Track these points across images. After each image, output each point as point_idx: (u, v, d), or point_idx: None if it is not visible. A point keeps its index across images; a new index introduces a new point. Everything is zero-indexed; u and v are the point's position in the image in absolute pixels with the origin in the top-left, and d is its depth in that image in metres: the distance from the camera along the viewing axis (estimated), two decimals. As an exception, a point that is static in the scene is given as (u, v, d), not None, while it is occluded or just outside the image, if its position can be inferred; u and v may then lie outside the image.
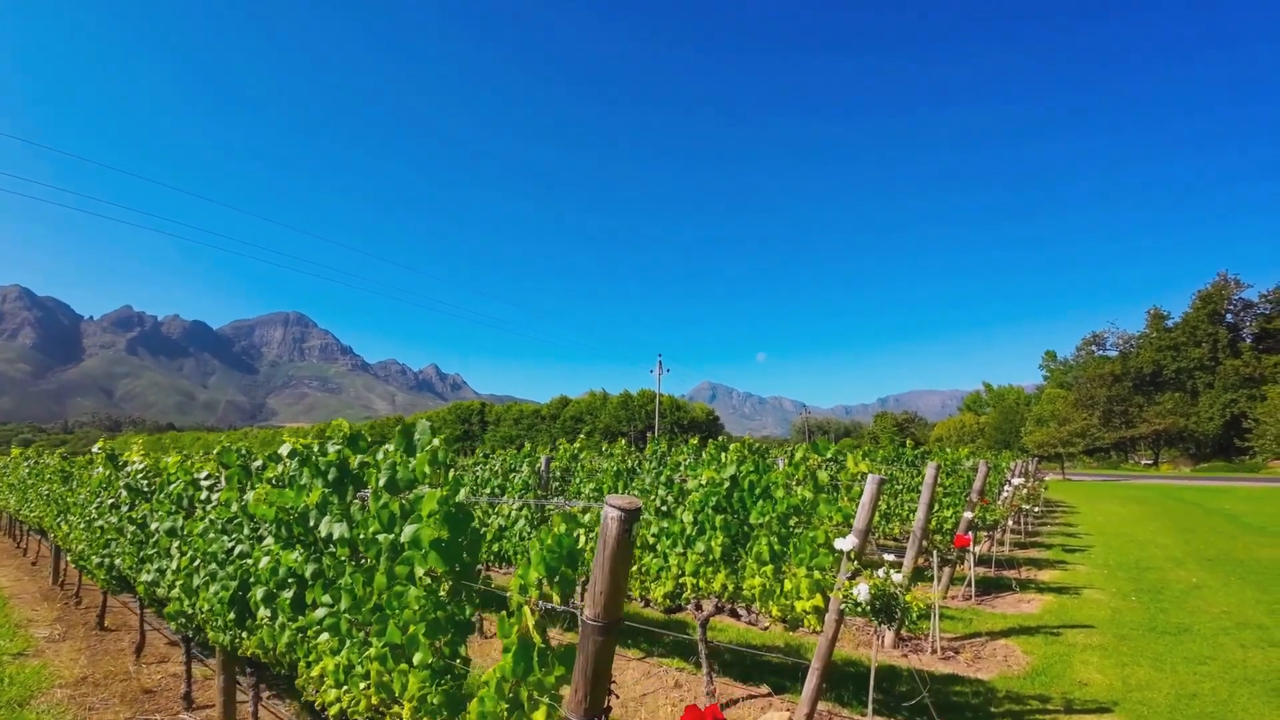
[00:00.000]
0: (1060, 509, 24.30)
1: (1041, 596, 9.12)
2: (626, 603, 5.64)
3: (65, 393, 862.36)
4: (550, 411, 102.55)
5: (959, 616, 7.89)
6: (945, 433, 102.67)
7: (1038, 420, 72.51)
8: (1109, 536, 15.93)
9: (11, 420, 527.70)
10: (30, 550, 14.46)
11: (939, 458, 9.94)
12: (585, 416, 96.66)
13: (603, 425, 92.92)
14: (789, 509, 4.80)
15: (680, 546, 5.33)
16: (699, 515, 5.25)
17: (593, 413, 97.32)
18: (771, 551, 4.81)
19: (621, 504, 1.98)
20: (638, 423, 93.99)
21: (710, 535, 5.14)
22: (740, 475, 5.13)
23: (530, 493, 6.61)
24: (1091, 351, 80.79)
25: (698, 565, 5.18)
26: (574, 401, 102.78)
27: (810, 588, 4.53)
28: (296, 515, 3.32)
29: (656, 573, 5.45)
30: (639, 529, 5.67)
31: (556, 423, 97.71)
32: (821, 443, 4.80)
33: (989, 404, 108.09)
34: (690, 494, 5.37)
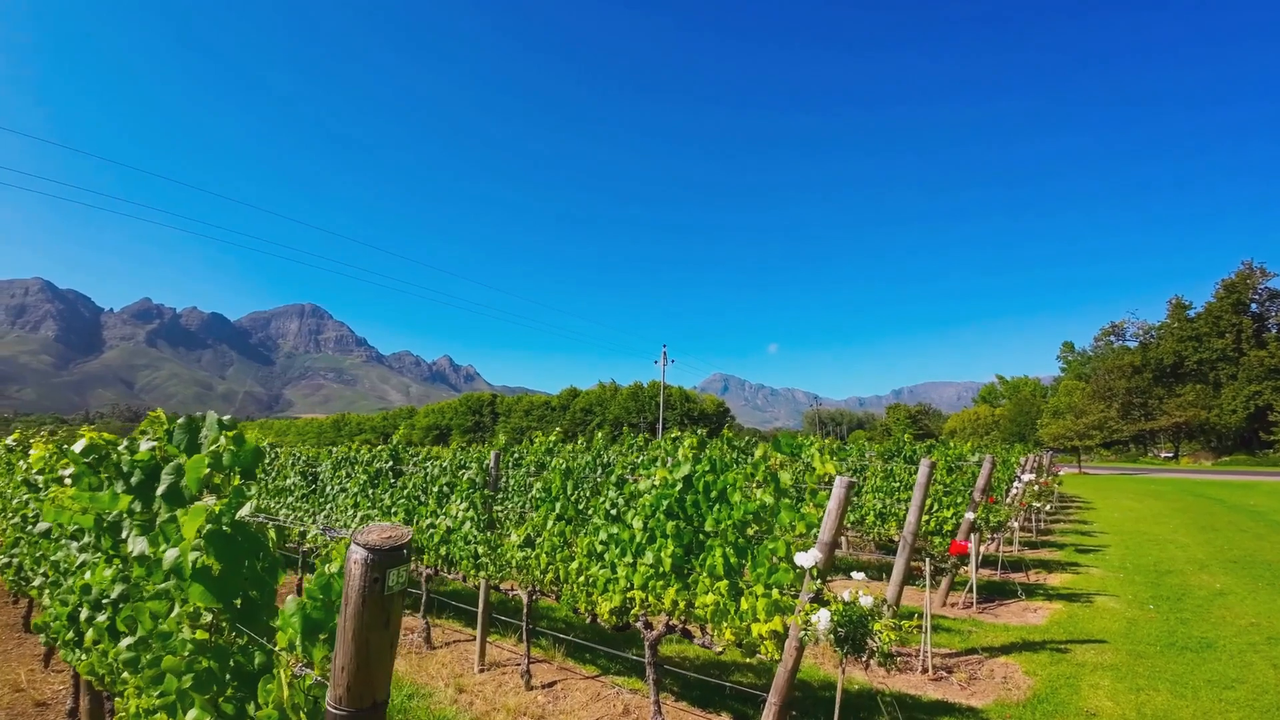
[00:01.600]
0: (1075, 504, 23.41)
1: (1050, 605, 8.40)
2: (573, 616, 5.03)
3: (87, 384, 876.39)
4: (560, 403, 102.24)
5: (956, 629, 7.20)
6: (959, 425, 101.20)
7: (1054, 412, 71.00)
8: (1125, 535, 15.11)
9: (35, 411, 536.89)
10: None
11: (941, 452, 9.22)
12: (595, 408, 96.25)
13: (612, 417, 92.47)
14: (747, 515, 4.15)
15: (630, 556, 4.70)
16: (649, 521, 4.62)
17: (602, 404, 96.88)
18: (727, 565, 4.16)
19: (374, 540, 1.34)
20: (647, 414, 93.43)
21: (660, 544, 4.51)
22: (695, 475, 4.48)
23: (477, 492, 6.00)
24: (1110, 342, 79.02)
25: (647, 578, 4.54)
26: (584, 393, 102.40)
27: (767, 609, 3.88)
28: (108, 524, 2.72)
29: (604, 585, 4.82)
30: (585, 534, 5.05)
31: (566, 414, 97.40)
32: (784, 436, 4.13)
33: (1004, 396, 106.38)
34: (642, 496, 4.73)
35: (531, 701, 5.06)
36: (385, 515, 7.13)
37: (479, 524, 5.96)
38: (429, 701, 5.06)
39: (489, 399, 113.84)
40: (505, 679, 5.58)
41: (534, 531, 5.46)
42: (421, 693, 5.24)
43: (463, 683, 5.47)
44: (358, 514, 7.53)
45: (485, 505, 6.00)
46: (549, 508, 5.39)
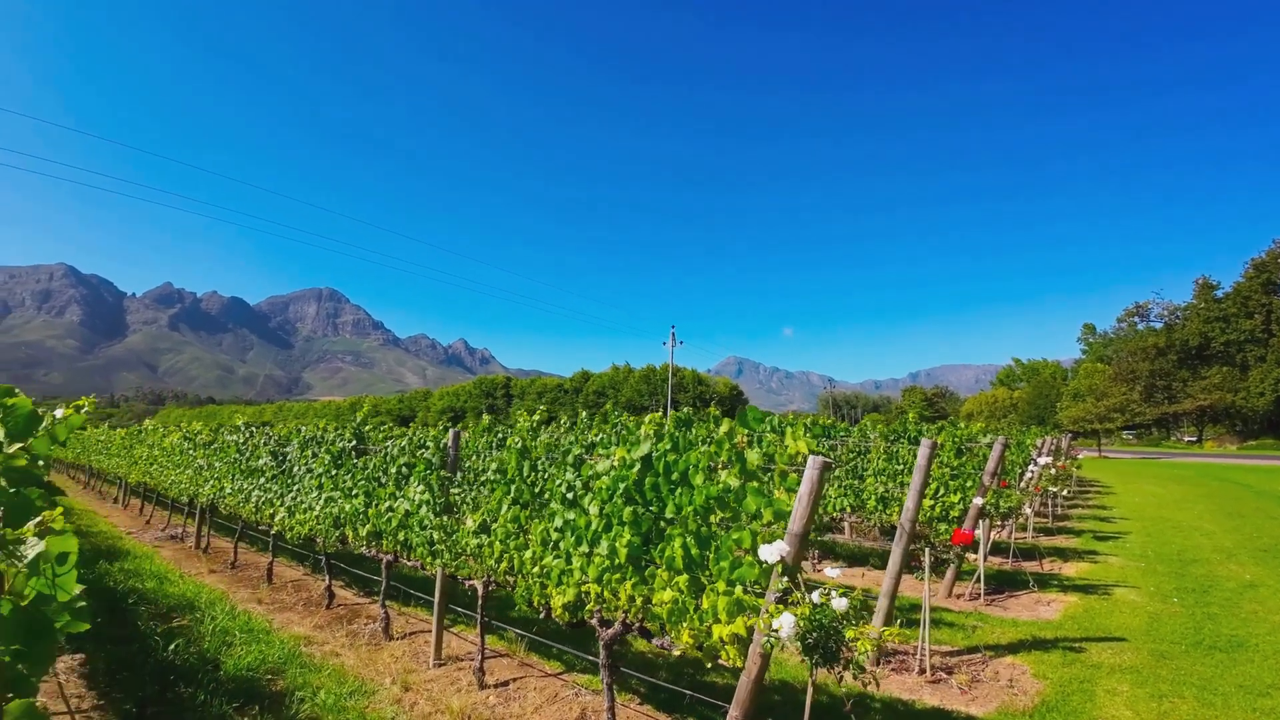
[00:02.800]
0: (1094, 489, 22.63)
1: (1064, 597, 7.81)
2: (527, 610, 4.55)
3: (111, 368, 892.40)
4: (573, 385, 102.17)
5: (960, 623, 6.64)
6: (976, 408, 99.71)
7: (1074, 395, 69.47)
8: (1147, 522, 14.40)
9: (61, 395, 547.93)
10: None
11: (948, 432, 8.61)
12: (608, 390, 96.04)
13: (625, 399, 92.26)
14: (710, 500, 3.61)
15: (585, 545, 4.19)
16: (606, 507, 4.10)
17: (615, 387, 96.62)
18: (688, 557, 3.64)
19: None
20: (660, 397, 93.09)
21: (617, 532, 3.99)
22: (655, 455, 3.94)
23: (433, 474, 5.52)
24: (1134, 323, 77.08)
25: (602, 570, 4.03)
26: (596, 376, 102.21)
27: (729, 609, 3.36)
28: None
29: (558, 577, 4.32)
30: (541, 520, 4.55)
31: (579, 397, 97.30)
32: (753, 410, 3.57)
33: (1022, 378, 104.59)
34: (600, 478, 4.21)
35: (481, 702, 4.61)
36: (346, 497, 6.70)
37: (435, 508, 5.49)
38: (369, 701, 4.62)
39: (503, 381, 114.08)
40: (460, 675, 5.13)
41: (489, 517, 4.97)
42: (364, 690, 4.80)
43: (412, 679, 5.03)
44: (322, 495, 7.11)
45: (442, 488, 5.52)
46: (504, 491, 4.89)
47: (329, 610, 7.13)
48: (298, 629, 6.47)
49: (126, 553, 9.86)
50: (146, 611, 6.80)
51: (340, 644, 6.00)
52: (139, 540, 11.72)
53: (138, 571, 8.51)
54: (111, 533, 12.26)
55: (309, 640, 6.08)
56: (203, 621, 6.36)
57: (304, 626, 6.57)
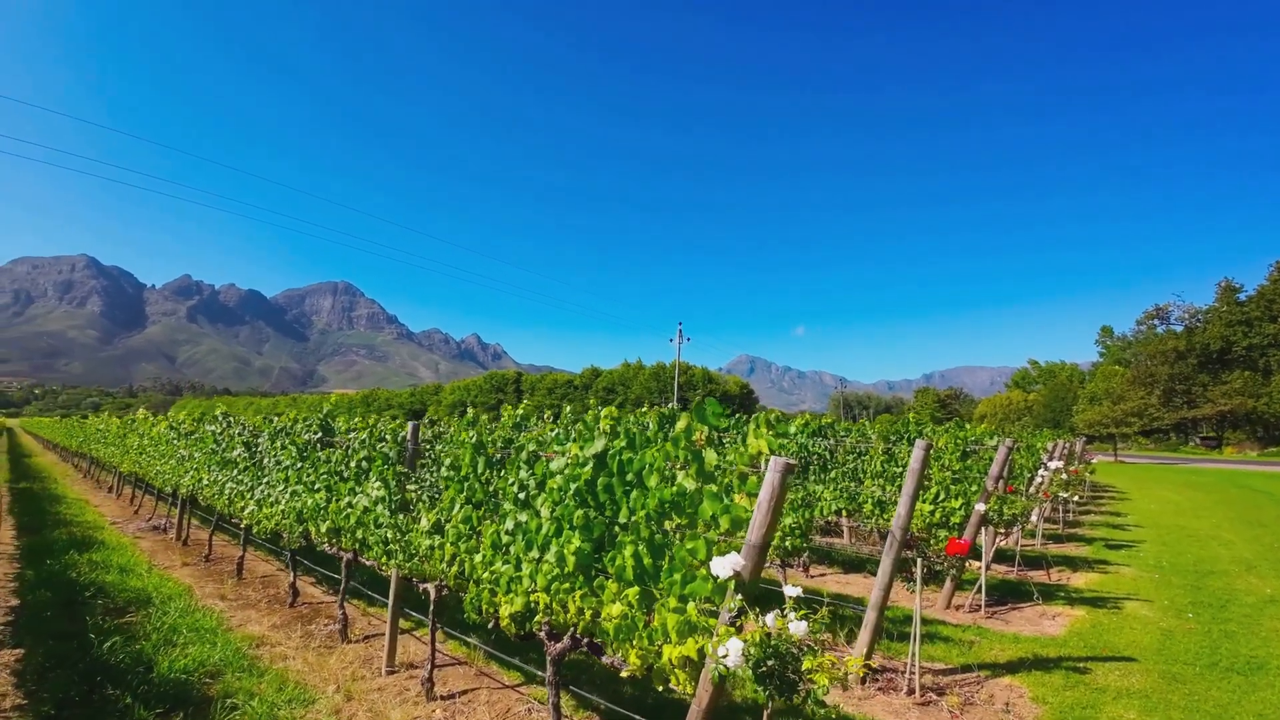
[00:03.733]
0: (1108, 495, 21.99)
1: (1071, 610, 7.35)
2: (477, 619, 4.19)
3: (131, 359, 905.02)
4: (583, 381, 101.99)
5: (957, 638, 6.21)
6: (990, 410, 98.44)
7: (1090, 399, 68.22)
8: (1162, 530, 13.84)
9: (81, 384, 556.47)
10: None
11: (951, 434, 8.16)
12: (617, 387, 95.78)
13: (634, 396, 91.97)
14: (662, 505, 3.23)
15: (535, 550, 3.82)
16: (558, 509, 3.73)
17: (625, 383, 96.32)
18: (639, 567, 3.26)
19: None
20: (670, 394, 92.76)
21: (567, 537, 3.62)
22: (610, 452, 3.57)
23: (389, 469, 5.18)
24: (1153, 326, 75.57)
25: (551, 579, 3.66)
26: (606, 372, 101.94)
27: (679, 628, 2.98)
28: None
29: (507, 584, 3.95)
30: (494, 522, 4.19)
31: (589, 393, 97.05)
32: (712, 404, 3.19)
33: (1038, 381, 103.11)
34: (553, 476, 3.84)
35: (425, 716, 4.26)
36: (309, 491, 6.38)
37: (390, 505, 5.15)
38: (305, 711, 4.28)
39: (513, 377, 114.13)
40: (409, 685, 4.78)
41: (444, 517, 4.62)
42: (303, 698, 4.47)
43: (358, 688, 4.69)
44: (287, 489, 6.80)
45: (399, 484, 5.18)
46: (457, 489, 4.53)
47: (291, 609, 6.83)
48: (254, 628, 6.17)
49: (101, 543, 9.64)
50: (102, 606, 6.53)
51: (294, 645, 5.68)
52: (121, 531, 11.51)
53: (106, 563, 8.26)
54: (95, 522, 12.07)
55: (262, 641, 5.77)
56: (153, 618, 6.07)
57: (262, 625, 6.27)
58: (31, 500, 14.95)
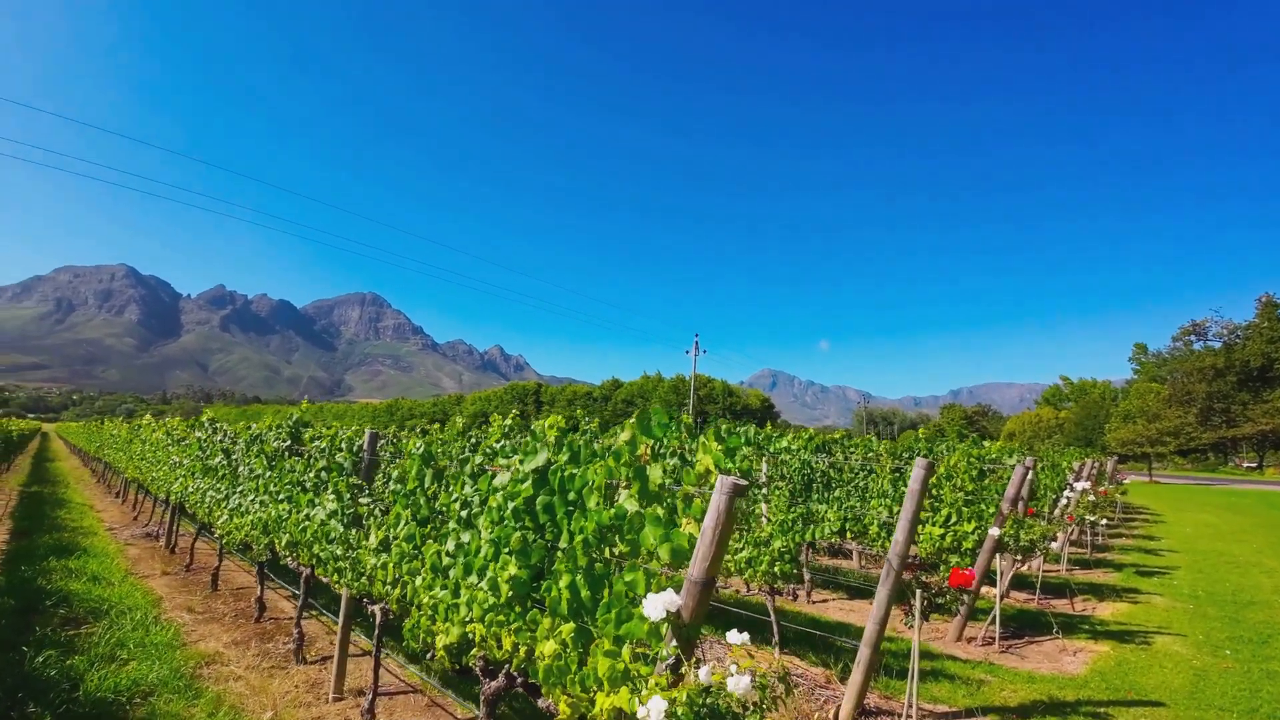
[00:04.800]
0: (1141, 517, 20.97)
1: (1094, 645, 6.73)
2: (416, 647, 3.79)
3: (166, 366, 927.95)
4: (602, 393, 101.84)
5: (965, 675, 5.66)
6: (1019, 427, 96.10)
7: (1124, 417, 66.15)
8: (1199, 555, 13.00)
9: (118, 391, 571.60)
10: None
11: (962, 451, 7.59)
12: (636, 399, 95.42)
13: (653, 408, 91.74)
14: (601, 529, 2.82)
15: (475, 575, 3.43)
16: (496, 529, 3.33)
17: (644, 395, 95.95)
18: (575, 600, 2.84)
19: None
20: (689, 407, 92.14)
21: (504, 562, 3.22)
22: (552, 468, 3.17)
23: (342, 480, 4.84)
24: (1189, 342, 73.10)
25: (486, 609, 3.26)
26: (625, 384, 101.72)
27: (611, 675, 2.55)
28: None
29: (446, 612, 3.56)
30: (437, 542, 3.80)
31: (608, 405, 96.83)
32: (657, 413, 2.77)
33: (1069, 398, 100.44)
34: (496, 493, 3.45)
35: (358, 756, 3.86)
36: (274, 502, 6.06)
37: (343, 519, 4.80)
38: (230, 745, 3.92)
39: (534, 388, 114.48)
40: (352, 714, 4.41)
41: (391, 534, 4.25)
42: (232, 730, 4.11)
43: (296, 715, 4.33)
44: (257, 499, 6.50)
45: (352, 497, 4.83)
46: (403, 504, 4.16)
47: (256, 624, 6.51)
48: (211, 644, 5.86)
49: (84, 550, 9.46)
50: (61, 615, 6.28)
51: (246, 664, 5.35)
52: (115, 537, 11.37)
53: (80, 571, 8.04)
54: (90, 528, 11.95)
55: (214, 658, 5.45)
56: (105, 631, 5.79)
57: (220, 641, 5.95)
58: (36, 504, 14.95)
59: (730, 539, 2.54)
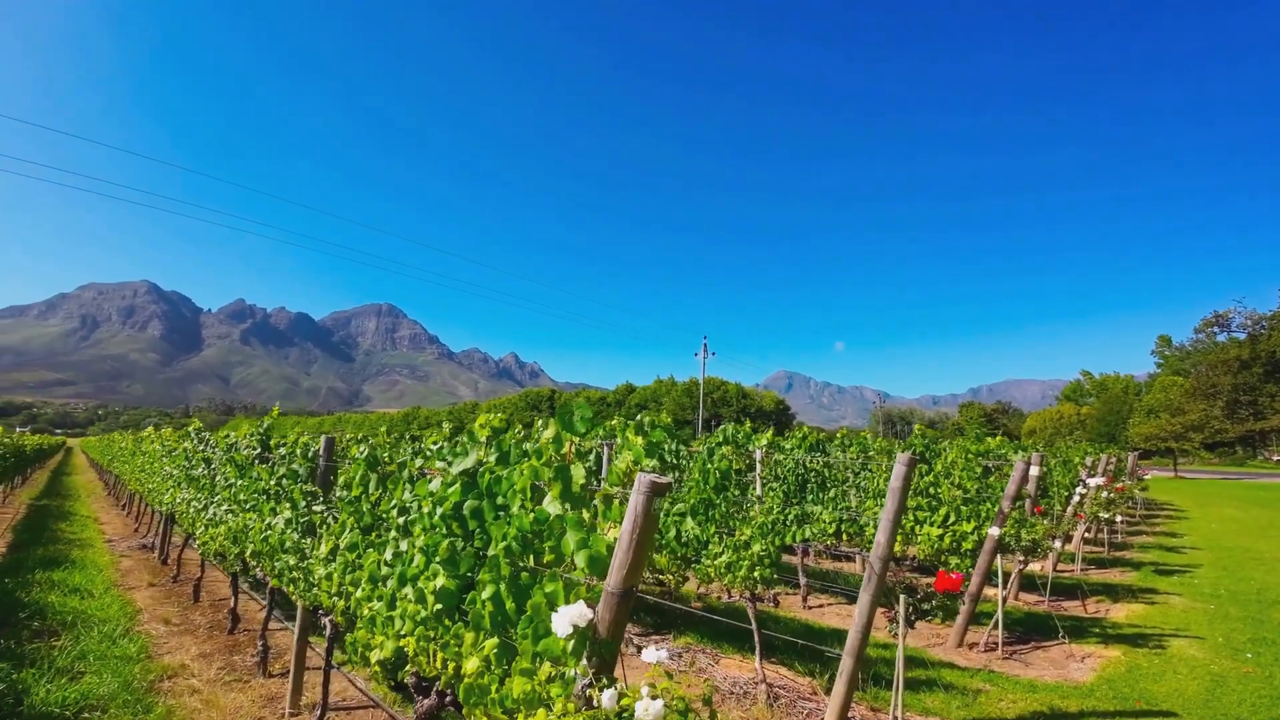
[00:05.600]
0: (1164, 513, 20.33)
1: (1104, 650, 6.37)
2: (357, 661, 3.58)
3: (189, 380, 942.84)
4: (616, 398, 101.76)
5: (962, 685, 5.34)
6: (1040, 424, 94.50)
7: (1148, 411, 64.69)
8: (1222, 552, 12.48)
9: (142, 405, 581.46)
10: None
11: (960, 448, 7.27)
12: (650, 404, 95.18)
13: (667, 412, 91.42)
14: (522, 534, 2.59)
15: (409, 585, 3.21)
16: (425, 537, 3.11)
17: (657, 400, 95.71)
18: (499, 612, 2.61)
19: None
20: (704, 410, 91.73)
21: (432, 571, 3.00)
22: (480, 469, 2.94)
23: (297, 487, 4.66)
24: (1213, 334, 71.40)
25: (417, 621, 3.04)
26: (639, 389, 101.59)
27: (527, 696, 2.31)
28: None
29: (381, 625, 3.34)
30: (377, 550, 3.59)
31: (621, 409, 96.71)
32: (581, 407, 2.54)
33: (1091, 393, 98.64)
34: (427, 499, 3.23)
35: (299, 779, 3.65)
36: (244, 511, 5.90)
37: (298, 528, 4.60)
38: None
39: (548, 394, 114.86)
40: (305, 737, 4.20)
41: (338, 542, 4.04)
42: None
43: (243, 738, 4.12)
44: (229, 508, 6.35)
45: (308, 505, 4.63)
46: (349, 511, 3.96)
47: (229, 636, 6.35)
48: (180, 656, 5.70)
49: (73, 562, 9.39)
50: (35, 627, 6.17)
51: (209, 677, 5.18)
52: (112, 549, 11.32)
53: (64, 583, 7.95)
54: (88, 540, 11.92)
55: (179, 671, 5.29)
56: (71, 644, 5.65)
57: (189, 653, 5.79)
58: (41, 517, 15.01)
59: (652, 542, 2.30)
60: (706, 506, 5.61)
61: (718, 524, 5.50)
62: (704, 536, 5.53)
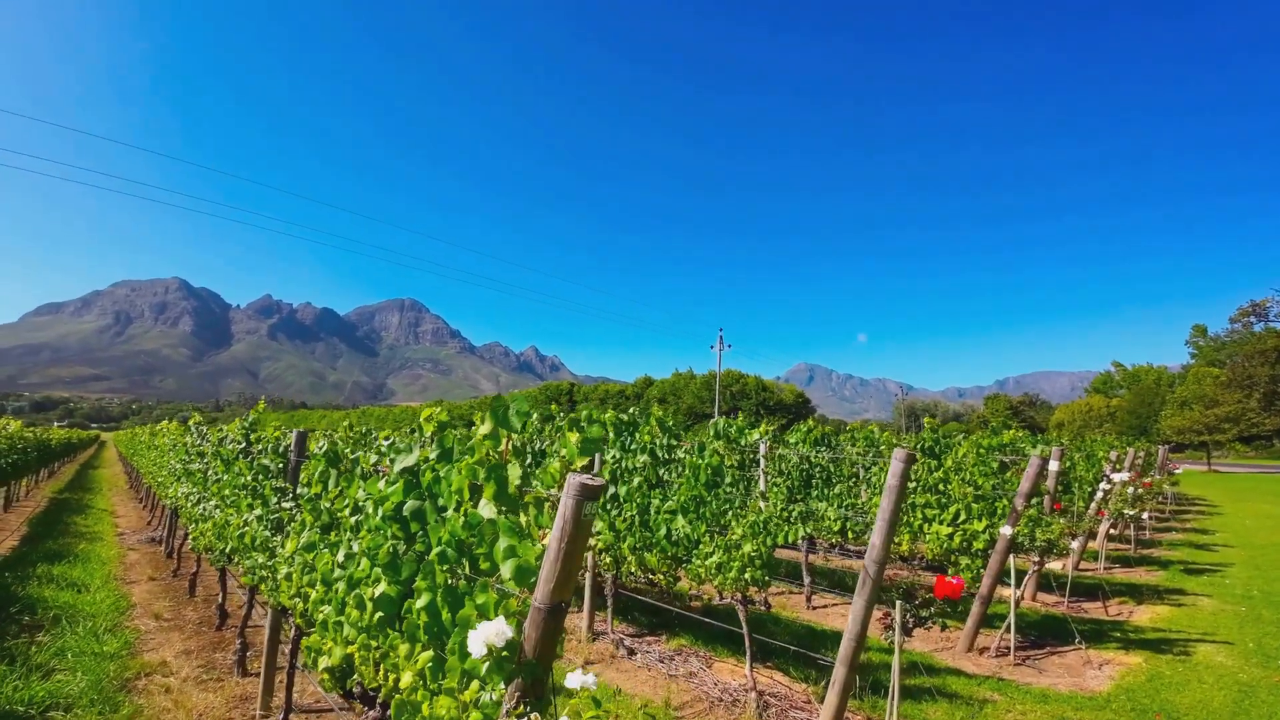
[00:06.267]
0: (1196, 508, 19.63)
1: (1124, 657, 6.01)
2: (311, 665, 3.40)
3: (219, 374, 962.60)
4: (635, 391, 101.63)
5: (968, 694, 5.04)
6: (1068, 417, 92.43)
7: (1180, 403, 62.85)
8: (1256, 550, 11.93)
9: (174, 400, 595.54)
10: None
11: (971, 442, 6.91)
12: (669, 397, 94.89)
13: (686, 405, 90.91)
14: (455, 539, 2.37)
15: (357, 589, 3.02)
16: (368, 539, 2.91)
17: (676, 393, 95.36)
18: (435, 622, 2.40)
19: None
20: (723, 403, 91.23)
21: (375, 576, 2.80)
22: (422, 466, 2.73)
23: (267, 483, 4.51)
24: (1250, 324, 69.16)
25: (361, 629, 2.85)
26: (658, 382, 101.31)
27: (451, 718, 2.10)
28: None
29: (333, 630, 3.16)
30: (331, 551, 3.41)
31: (640, 402, 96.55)
32: (517, 400, 2.31)
33: (1122, 385, 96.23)
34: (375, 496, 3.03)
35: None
36: (226, 506, 5.79)
37: (267, 525, 4.45)
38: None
39: (567, 387, 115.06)
40: (270, 743, 4.05)
41: (301, 541, 3.87)
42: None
43: (205, 744, 3.98)
44: (215, 503, 6.26)
45: (278, 501, 4.48)
46: (309, 509, 3.78)
47: (217, 632, 6.27)
48: (163, 652, 5.63)
49: (77, 555, 9.43)
50: (23, 622, 6.14)
51: (187, 675, 5.08)
52: (122, 542, 11.40)
53: (62, 577, 7.96)
54: (100, 534, 12.03)
55: (158, 668, 5.20)
56: (54, 639, 5.60)
57: (173, 650, 5.72)
58: (59, 510, 15.23)
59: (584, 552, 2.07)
60: (697, 504, 5.36)
61: (708, 522, 5.25)
62: (695, 535, 5.28)
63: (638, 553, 5.65)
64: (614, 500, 5.98)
